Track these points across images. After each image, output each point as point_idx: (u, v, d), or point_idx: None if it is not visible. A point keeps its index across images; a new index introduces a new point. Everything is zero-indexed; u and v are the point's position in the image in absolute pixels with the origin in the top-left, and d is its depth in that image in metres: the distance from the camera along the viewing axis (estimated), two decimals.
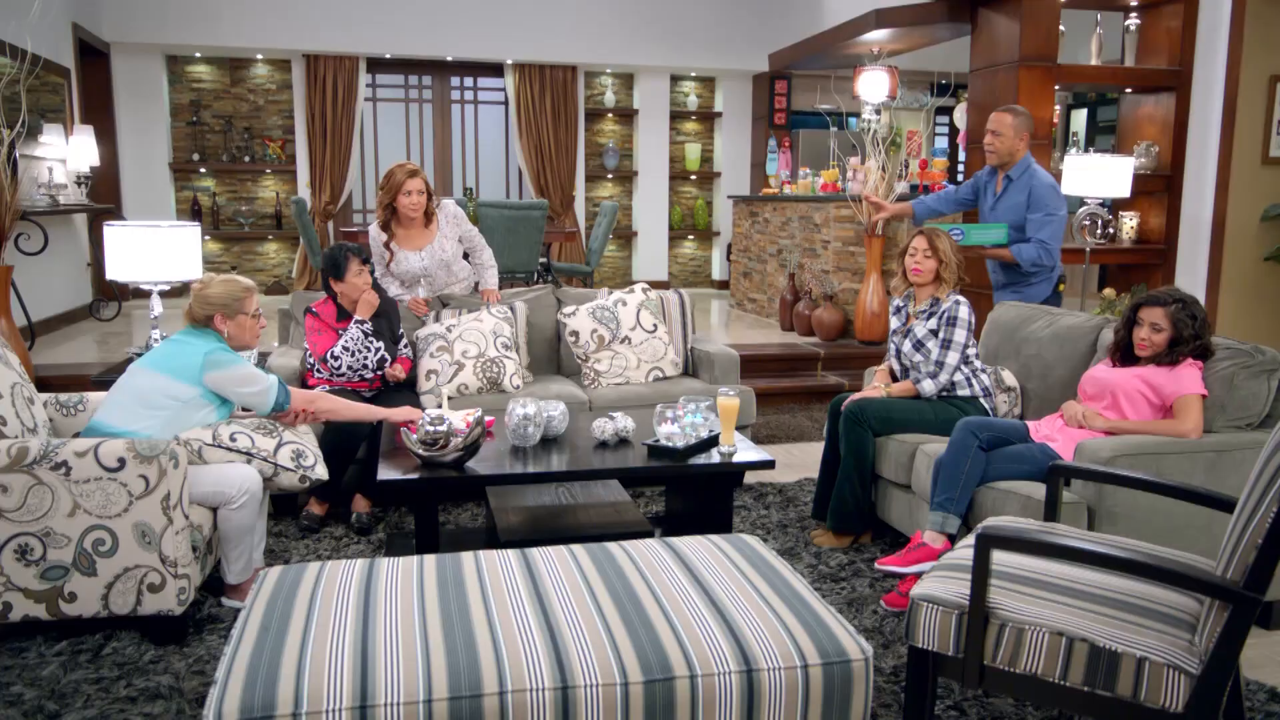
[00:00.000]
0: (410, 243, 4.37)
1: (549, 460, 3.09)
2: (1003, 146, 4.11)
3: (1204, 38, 6.15)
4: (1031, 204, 4.09)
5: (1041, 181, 4.11)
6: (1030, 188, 4.10)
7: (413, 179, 4.23)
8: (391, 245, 4.35)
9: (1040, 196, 4.07)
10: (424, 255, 4.37)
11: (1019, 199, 4.13)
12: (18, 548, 2.63)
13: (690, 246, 10.89)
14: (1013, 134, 4.09)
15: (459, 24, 9.19)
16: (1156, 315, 3.04)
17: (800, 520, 3.86)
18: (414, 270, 4.38)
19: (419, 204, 4.26)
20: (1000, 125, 4.10)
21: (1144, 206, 6.58)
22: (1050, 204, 4.07)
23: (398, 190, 4.23)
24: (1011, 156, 4.14)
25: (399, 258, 4.36)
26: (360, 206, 9.88)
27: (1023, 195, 4.11)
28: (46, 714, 2.38)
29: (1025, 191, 4.10)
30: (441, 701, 1.69)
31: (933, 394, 3.52)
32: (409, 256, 4.36)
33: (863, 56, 8.35)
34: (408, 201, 4.24)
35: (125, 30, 8.52)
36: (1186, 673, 1.81)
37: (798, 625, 1.92)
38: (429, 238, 4.38)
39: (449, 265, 4.47)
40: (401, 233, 4.36)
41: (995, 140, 4.12)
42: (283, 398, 3.09)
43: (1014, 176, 4.15)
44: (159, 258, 3.84)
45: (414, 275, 4.41)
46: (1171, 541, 2.66)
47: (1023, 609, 1.99)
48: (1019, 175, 4.14)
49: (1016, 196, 4.14)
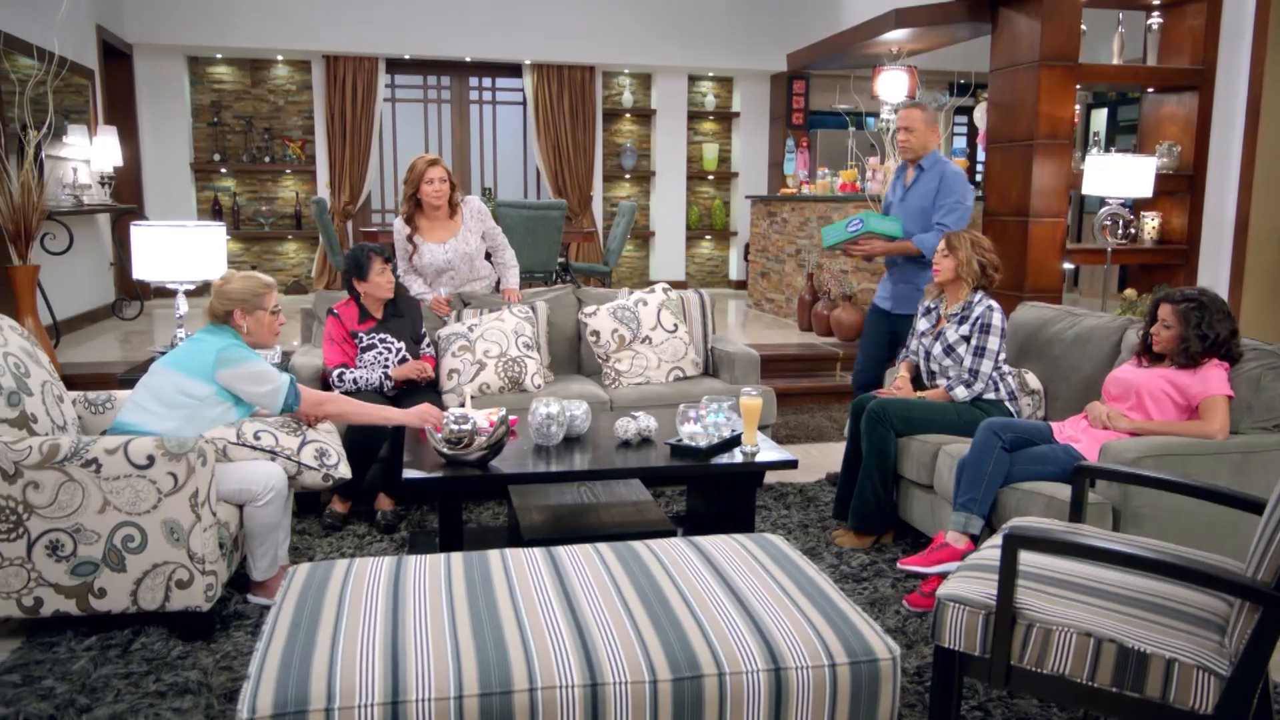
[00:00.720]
0: (434, 234, 4.39)
1: (572, 459, 3.10)
2: (916, 141, 4.12)
3: (1227, 36, 6.10)
4: (942, 189, 4.11)
5: (951, 169, 4.15)
6: (941, 175, 4.12)
7: (434, 167, 4.28)
8: (415, 238, 4.37)
9: (951, 183, 4.10)
10: (448, 248, 4.38)
11: (930, 186, 4.15)
12: (49, 544, 2.66)
13: (707, 246, 10.89)
14: (924, 128, 4.12)
15: (477, 25, 9.23)
16: (1166, 312, 3.06)
17: (821, 520, 3.86)
18: (438, 262, 4.39)
19: (442, 192, 4.29)
20: (912, 121, 4.11)
21: (1166, 206, 6.54)
22: (959, 190, 4.08)
23: (420, 179, 4.28)
24: (925, 149, 4.16)
25: (422, 250, 4.37)
26: (379, 206, 9.93)
27: (934, 183, 4.13)
28: (78, 708, 2.41)
29: (936, 179, 4.13)
30: (472, 698, 1.70)
31: (966, 399, 3.51)
32: (433, 249, 4.38)
33: (882, 56, 8.33)
34: (430, 190, 4.27)
35: (148, 32, 8.60)
36: (1217, 674, 1.80)
37: (825, 624, 1.93)
38: (453, 230, 4.40)
39: (472, 260, 4.48)
40: (425, 224, 4.38)
41: (909, 136, 4.13)
42: (293, 399, 3.07)
43: (925, 166, 4.17)
44: (184, 257, 3.88)
45: (437, 268, 4.41)
46: (1198, 543, 2.64)
47: (1050, 609, 1.98)
48: (930, 165, 4.16)
49: (928, 184, 4.16)
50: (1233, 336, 3.03)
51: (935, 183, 4.14)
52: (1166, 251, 6.52)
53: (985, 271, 3.59)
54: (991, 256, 3.61)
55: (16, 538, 2.65)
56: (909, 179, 4.25)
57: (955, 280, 3.61)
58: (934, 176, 4.15)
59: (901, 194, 4.28)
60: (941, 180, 4.12)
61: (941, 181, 4.12)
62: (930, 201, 4.13)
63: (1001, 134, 6.53)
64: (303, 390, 3.11)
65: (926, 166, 4.17)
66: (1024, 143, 6.26)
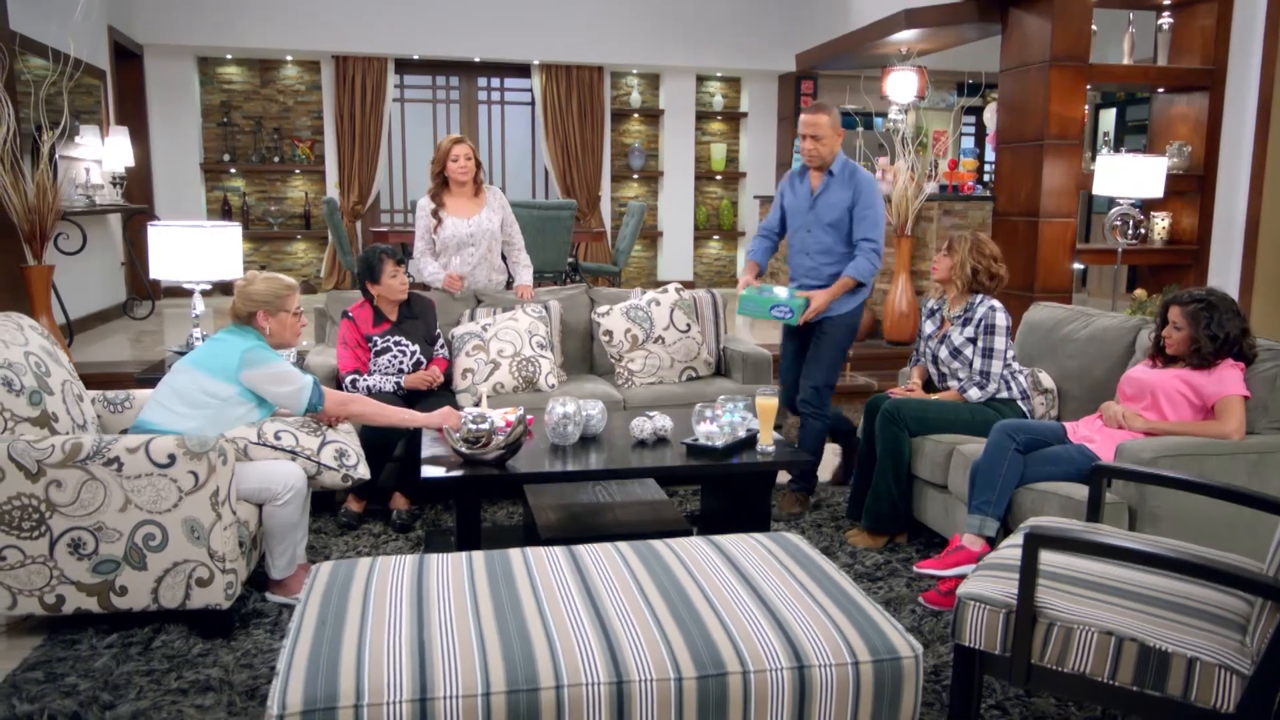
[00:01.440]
0: (459, 210, 4.53)
1: (588, 459, 3.11)
2: (825, 149, 3.81)
3: (1238, 37, 6.10)
4: (861, 201, 3.83)
5: (864, 176, 3.86)
6: (856, 184, 3.83)
7: (459, 145, 4.45)
8: (440, 213, 4.51)
9: (870, 194, 3.82)
10: (470, 223, 4.53)
11: (843, 194, 3.85)
12: (70, 542, 2.68)
13: (715, 246, 10.90)
14: (832, 133, 3.80)
15: (486, 25, 9.24)
16: (1176, 314, 3.07)
17: (834, 520, 3.87)
18: (460, 235, 4.52)
19: (467, 169, 4.45)
20: (819, 128, 3.79)
21: (1176, 207, 6.55)
22: (878, 200, 3.84)
23: (445, 156, 4.45)
24: (832, 155, 3.85)
25: (446, 223, 4.50)
26: (388, 206, 9.95)
27: (847, 191, 3.84)
28: (101, 704, 2.43)
29: (851, 188, 3.84)
30: (499, 695, 1.72)
31: (980, 400, 3.52)
32: (456, 222, 4.51)
33: (891, 56, 8.33)
34: (456, 166, 4.43)
35: (158, 32, 8.63)
36: (1238, 673, 1.81)
37: (847, 623, 1.94)
38: (478, 207, 4.55)
39: (492, 239, 4.60)
40: (451, 200, 4.52)
41: (817, 145, 3.80)
42: (316, 399, 3.09)
43: (835, 171, 3.86)
44: (201, 257, 3.90)
45: (460, 240, 4.53)
46: (1214, 543, 2.64)
47: (1071, 608, 1.99)
48: (841, 170, 3.86)
49: (840, 192, 3.86)
50: (1244, 335, 3.03)
51: (849, 191, 3.84)
52: (1177, 252, 6.52)
53: (978, 278, 3.57)
54: (990, 263, 3.57)
55: (39, 536, 2.67)
56: (815, 185, 3.92)
57: (947, 281, 3.63)
58: (846, 184, 3.85)
59: (809, 201, 3.93)
60: (859, 190, 3.83)
61: (859, 192, 3.83)
62: (845, 211, 3.85)
63: (1011, 134, 6.54)
64: (326, 391, 3.13)
65: (836, 171, 3.87)
66: (1034, 143, 6.27)
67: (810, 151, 3.84)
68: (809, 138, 3.82)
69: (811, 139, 3.81)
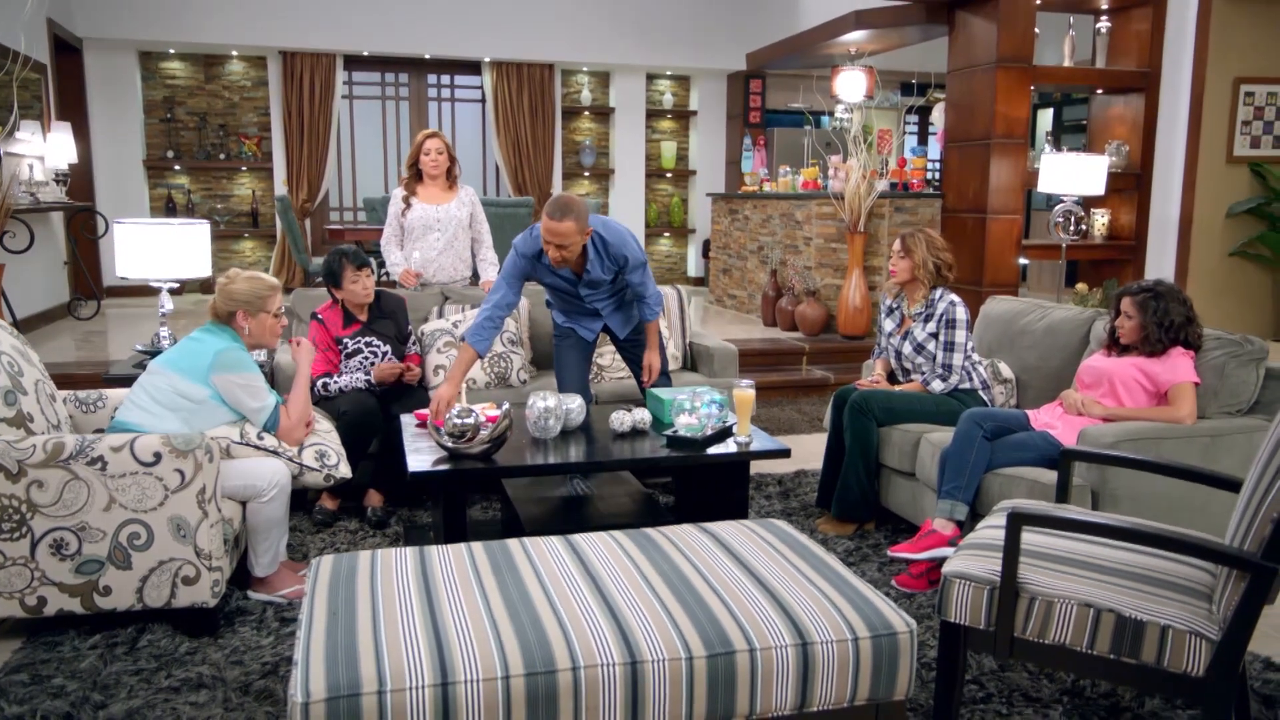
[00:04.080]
0: (430, 198, 4.70)
1: (570, 451, 3.16)
2: (573, 252, 3.44)
3: (1171, 41, 6.37)
4: (629, 266, 3.63)
5: (614, 230, 3.62)
6: (622, 254, 3.60)
7: (431, 139, 4.65)
8: (411, 200, 4.67)
9: (631, 250, 3.62)
10: (439, 210, 4.69)
11: (604, 259, 3.61)
12: (53, 543, 2.65)
13: (666, 244, 11.00)
14: (579, 235, 3.43)
15: (436, 22, 9.20)
16: (1127, 304, 3.25)
17: (803, 509, 3.97)
18: (427, 219, 4.68)
19: (439, 162, 4.64)
20: (566, 236, 3.37)
21: (1115, 204, 6.80)
22: (641, 255, 3.67)
23: (418, 150, 4.65)
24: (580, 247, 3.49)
25: (415, 207, 4.66)
26: (337, 204, 9.85)
27: (605, 252, 3.60)
28: (93, 704, 2.42)
29: (619, 259, 3.61)
30: (518, 678, 1.76)
31: (943, 392, 3.65)
32: (425, 207, 4.68)
33: (839, 57, 8.50)
34: (428, 160, 4.63)
35: (99, 26, 8.43)
36: (1207, 639, 1.94)
37: (844, 601, 2.02)
38: (449, 198, 4.73)
39: (460, 227, 4.75)
40: (423, 191, 4.70)
41: (563, 252, 3.42)
42: (271, 425, 3.05)
43: (590, 254, 3.59)
44: (168, 255, 3.85)
45: (426, 224, 4.68)
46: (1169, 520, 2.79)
47: (1051, 583, 2.11)
48: (601, 245, 3.59)
49: (607, 263, 3.62)
50: (1189, 323, 3.20)
51: (606, 251, 3.59)
52: (1116, 247, 6.78)
53: (940, 272, 3.71)
54: (946, 255, 3.72)
55: (20, 537, 2.64)
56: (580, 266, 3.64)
57: (912, 281, 3.74)
58: (601, 249, 3.59)
59: (574, 279, 3.67)
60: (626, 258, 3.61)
61: (626, 258, 3.61)
62: (613, 273, 3.66)
63: (960, 133, 6.73)
64: (281, 415, 3.08)
65: (591, 254, 3.59)
66: (981, 142, 6.47)
67: (560, 260, 3.46)
68: (555, 246, 3.41)
69: (558, 247, 3.41)
